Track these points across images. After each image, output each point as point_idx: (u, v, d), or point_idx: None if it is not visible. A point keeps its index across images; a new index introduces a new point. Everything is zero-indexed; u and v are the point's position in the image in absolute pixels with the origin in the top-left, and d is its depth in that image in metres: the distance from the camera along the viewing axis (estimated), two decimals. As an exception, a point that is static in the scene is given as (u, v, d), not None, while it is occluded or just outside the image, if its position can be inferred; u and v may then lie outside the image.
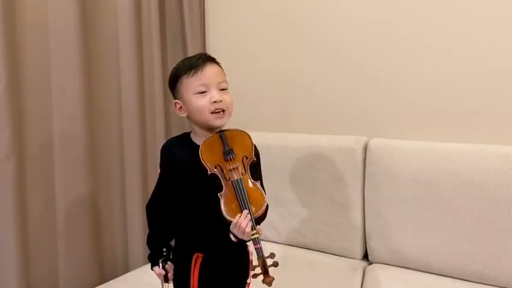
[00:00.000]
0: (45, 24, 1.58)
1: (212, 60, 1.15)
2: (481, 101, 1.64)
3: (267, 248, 1.09)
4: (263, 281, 1.05)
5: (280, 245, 1.92)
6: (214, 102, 1.10)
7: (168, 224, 1.21)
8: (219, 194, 1.07)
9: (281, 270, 1.67)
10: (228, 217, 1.05)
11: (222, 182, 1.08)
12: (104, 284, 1.69)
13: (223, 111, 1.12)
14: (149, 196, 1.27)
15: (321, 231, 1.82)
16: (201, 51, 2.18)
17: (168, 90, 2.00)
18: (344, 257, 1.78)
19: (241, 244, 1.20)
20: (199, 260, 1.14)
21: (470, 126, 1.67)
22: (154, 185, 1.26)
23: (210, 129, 1.15)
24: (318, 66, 1.97)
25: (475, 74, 1.64)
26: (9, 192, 1.46)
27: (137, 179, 1.88)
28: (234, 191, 1.07)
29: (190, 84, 1.11)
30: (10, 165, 1.46)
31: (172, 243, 1.25)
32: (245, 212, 1.03)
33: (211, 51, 2.23)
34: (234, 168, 1.09)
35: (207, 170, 1.09)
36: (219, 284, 1.16)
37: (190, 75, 1.11)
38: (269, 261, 1.05)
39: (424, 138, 1.68)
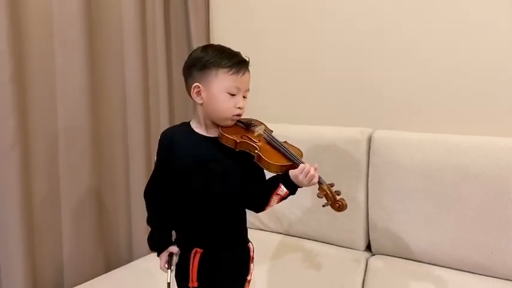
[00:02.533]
0: (49, 15, 1.58)
1: (248, 66, 1.15)
2: (487, 93, 1.63)
3: (270, 238, 1.10)
4: (335, 207, 1.07)
5: (283, 235, 1.92)
6: (238, 108, 1.11)
7: (167, 211, 1.21)
8: (256, 152, 1.07)
9: (284, 261, 1.69)
10: (281, 164, 1.07)
11: (254, 145, 1.09)
12: (108, 273, 1.71)
13: (239, 116, 1.14)
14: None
15: (324, 222, 1.82)
16: (205, 43, 2.17)
17: (172, 81, 2.04)
18: (347, 248, 1.79)
19: (241, 239, 1.21)
20: (198, 255, 1.13)
21: (476, 119, 1.66)
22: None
23: (217, 123, 1.15)
24: (322, 57, 1.96)
25: (480, 66, 1.63)
26: (14, 181, 1.47)
27: (141, 170, 1.88)
28: (270, 145, 1.12)
29: (226, 81, 1.08)
30: (15, 154, 1.46)
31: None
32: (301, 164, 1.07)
33: (215, 42, 2.22)
34: (260, 134, 1.13)
35: (233, 144, 1.09)
36: (218, 279, 1.16)
37: (231, 72, 1.08)
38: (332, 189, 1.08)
39: (429, 130, 1.67)
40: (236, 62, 1.09)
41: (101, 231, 1.78)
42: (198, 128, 1.16)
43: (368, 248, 1.80)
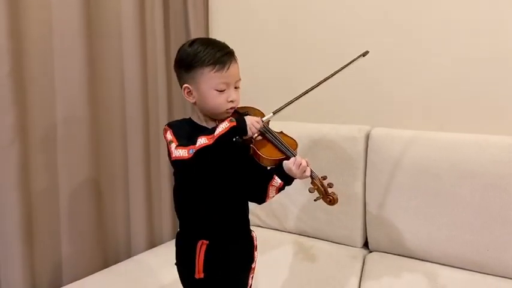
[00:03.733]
0: (48, 9, 1.57)
1: (234, 55, 1.14)
2: (483, 92, 1.64)
3: (268, 235, 1.11)
4: (326, 201, 1.09)
5: (281, 232, 1.94)
6: (230, 101, 1.12)
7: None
8: (251, 146, 1.08)
9: (282, 258, 1.70)
10: (273, 158, 1.08)
11: (250, 139, 1.09)
12: (107, 269, 1.71)
13: (233, 108, 1.14)
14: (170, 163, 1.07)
15: (321, 219, 1.83)
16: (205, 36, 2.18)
17: (171, 75, 2.03)
18: (344, 245, 1.80)
19: (246, 229, 1.23)
20: (204, 247, 1.13)
21: (472, 117, 1.67)
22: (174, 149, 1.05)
23: (214, 118, 1.15)
24: (321, 55, 1.97)
25: (477, 65, 1.64)
26: (13, 177, 1.47)
27: (140, 163, 1.89)
28: (264, 137, 1.12)
29: (212, 79, 1.08)
30: (14, 150, 1.46)
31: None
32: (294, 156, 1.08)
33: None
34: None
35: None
36: (224, 270, 1.16)
37: (215, 70, 1.07)
38: (324, 182, 1.10)
39: (426, 128, 1.68)
40: (218, 58, 1.08)
41: (100, 227, 1.78)
42: (199, 122, 1.17)
43: (365, 245, 1.81)
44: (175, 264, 1.22)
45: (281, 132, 1.17)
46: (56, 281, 1.65)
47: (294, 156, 1.09)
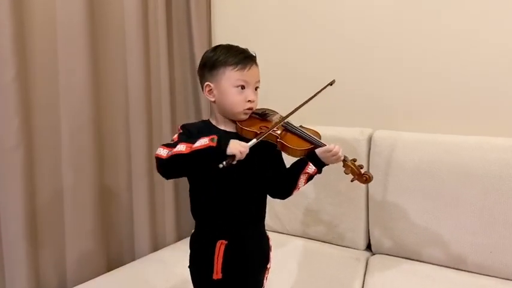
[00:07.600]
0: (53, 14, 1.59)
1: (256, 60, 1.20)
2: (485, 94, 1.65)
3: (273, 238, 1.13)
4: (362, 181, 1.18)
5: (284, 235, 1.94)
6: (249, 101, 1.15)
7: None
8: (278, 140, 1.12)
9: (284, 261, 1.70)
10: (303, 148, 1.13)
11: (274, 134, 1.13)
12: (110, 272, 1.72)
13: (251, 109, 1.18)
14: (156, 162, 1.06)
15: (324, 222, 1.83)
16: (207, 43, 2.19)
17: (174, 79, 2.04)
18: (347, 247, 1.80)
19: (263, 229, 1.24)
20: (223, 247, 1.14)
21: (474, 119, 1.67)
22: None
23: (231, 119, 1.18)
24: (324, 58, 1.97)
25: (479, 67, 1.64)
26: (18, 181, 1.48)
27: (143, 168, 1.90)
28: (289, 132, 1.18)
29: (233, 77, 1.14)
30: (19, 154, 1.48)
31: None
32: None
33: (216, 43, 2.23)
34: (277, 122, 1.16)
35: (254, 136, 1.11)
36: (242, 270, 1.17)
37: (237, 69, 1.14)
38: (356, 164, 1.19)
39: (429, 130, 1.68)
40: (242, 58, 1.15)
41: (104, 231, 1.79)
42: (217, 124, 1.20)
43: (368, 247, 1.81)
44: (189, 266, 1.22)
45: (301, 125, 1.22)
46: (60, 285, 1.66)
47: (321, 144, 1.16)
